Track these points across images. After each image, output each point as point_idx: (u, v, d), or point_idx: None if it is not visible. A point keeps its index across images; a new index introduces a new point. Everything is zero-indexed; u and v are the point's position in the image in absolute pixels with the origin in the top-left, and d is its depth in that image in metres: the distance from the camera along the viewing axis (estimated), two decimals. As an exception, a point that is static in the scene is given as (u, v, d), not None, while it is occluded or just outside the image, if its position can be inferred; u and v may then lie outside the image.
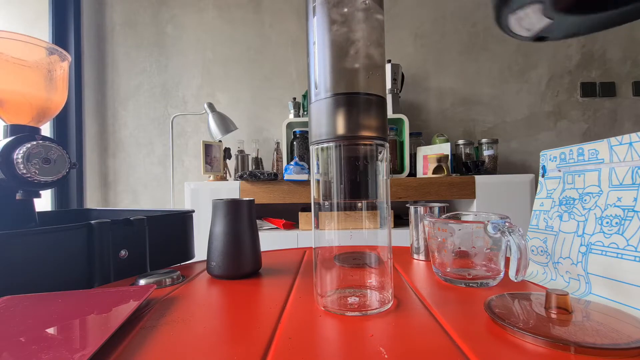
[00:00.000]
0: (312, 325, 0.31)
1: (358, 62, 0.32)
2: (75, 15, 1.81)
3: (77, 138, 1.82)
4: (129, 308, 0.32)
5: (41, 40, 0.53)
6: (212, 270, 0.47)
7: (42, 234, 0.41)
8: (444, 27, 1.88)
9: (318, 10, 0.33)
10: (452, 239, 0.43)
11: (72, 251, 0.43)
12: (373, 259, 0.38)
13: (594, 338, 0.26)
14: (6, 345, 0.25)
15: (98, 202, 1.91)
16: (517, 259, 0.36)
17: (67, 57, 0.57)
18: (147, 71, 1.90)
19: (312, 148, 0.35)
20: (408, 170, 1.58)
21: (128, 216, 0.52)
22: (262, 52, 1.89)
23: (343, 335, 0.29)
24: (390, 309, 0.35)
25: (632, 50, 1.85)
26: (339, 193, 0.34)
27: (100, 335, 0.27)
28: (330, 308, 0.34)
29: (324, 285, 0.37)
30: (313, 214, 0.36)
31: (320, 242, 0.37)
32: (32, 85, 0.53)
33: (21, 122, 0.52)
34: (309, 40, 0.35)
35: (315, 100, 0.34)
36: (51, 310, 0.32)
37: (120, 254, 0.49)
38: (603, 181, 0.39)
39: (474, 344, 0.27)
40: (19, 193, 0.50)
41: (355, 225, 0.34)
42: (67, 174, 0.52)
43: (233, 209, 0.47)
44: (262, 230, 1.46)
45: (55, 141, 0.51)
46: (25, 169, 0.47)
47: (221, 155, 1.61)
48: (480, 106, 1.88)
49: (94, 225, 0.46)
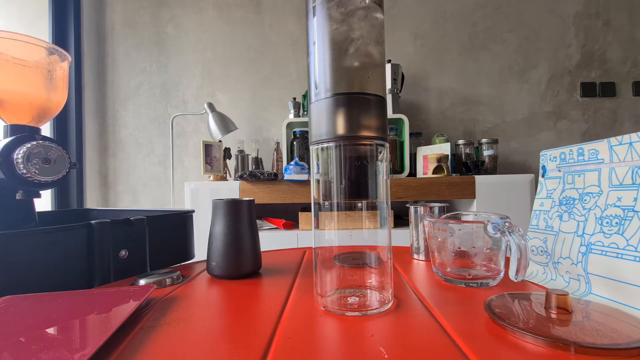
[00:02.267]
0: (312, 325, 0.31)
1: (358, 62, 0.32)
2: (75, 15, 1.81)
3: (77, 138, 1.82)
4: (129, 308, 0.32)
5: (41, 40, 0.53)
6: (212, 270, 0.47)
7: (42, 234, 0.41)
8: (444, 27, 1.88)
9: (318, 10, 0.33)
10: (452, 239, 0.43)
11: (72, 251, 0.43)
12: (373, 259, 0.38)
13: (594, 338, 0.26)
14: (6, 345, 0.25)
15: (98, 202, 1.91)
16: (517, 259, 0.36)
17: (67, 57, 0.57)
18: (147, 71, 1.90)
19: (312, 148, 0.35)
20: (408, 170, 1.58)
21: (128, 216, 0.52)
22: (262, 52, 1.89)
23: (343, 335, 0.29)
24: (390, 309, 0.35)
25: (632, 50, 1.85)
26: (339, 193, 0.34)
27: (100, 335, 0.27)
28: (330, 308, 0.34)
29: (324, 285, 0.37)
30: (313, 214, 0.36)
31: (320, 242, 0.37)
32: (32, 85, 0.53)
33: (21, 122, 0.52)
34: (309, 40, 0.35)
35: (315, 100, 0.34)
36: (51, 310, 0.32)
37: (120, 254, 0.49)
38: (603, 181, 0.39)
39: (474, 344, 0.27)
40: (19, 193, 0.50)
41: (355, 225, 0.34)
42: (67, 174, 0.52)
43: (233, 209, 0.47)
44: (262, 230, 1.46)
45: (55, 141, 0.51)
46: (25, 169, 0.47)
47: (221, 155, 1.61)
48: (480, 106, 1.88)
49: (94, 225, 0.46)
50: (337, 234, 0.36)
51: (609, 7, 1.85)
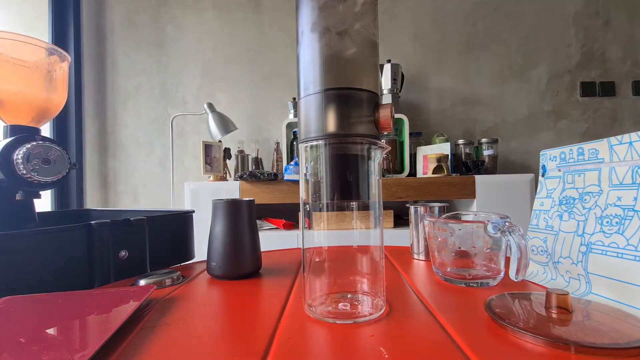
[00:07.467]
0: (312, 325, 0.31)
1: (350, 54, 0.31)
2: (74, 16, 1.81)
3: (77, 138, 1.82)
4: (129, 308, 0.32)
5: (41, 41, 0.53)
6: (212, 271, 0.47)
7: (42, 234, 0.41)
8: (444, 27, 1.88)
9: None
10: (452, 238, 0.43)
11: (72, 251, 0.43)
12: (365, 261, 0.38)
13: (594, 338, 0.26)
14: (6, 345, 0.25)
15: (98, 202, 1.91)
16: (517, 259, 0.36)
17: (67, 57, 0.57)
18: (147, 71, 1.90)
19: (301, 147, 0.34)
20: (408, 170, 1.58)
21: (128, 216, 0.52)
22: (262, 52, 1.89)
23: (343, 335, 0.29)
24: (390, 310, 0.35)
25: (632, 50, 1.85)
26: (329, 193, 0.32)
27: (100, 336, 0.27)
28: (320, 315, 0.34)
29: (313, 292, 0.36)
30: (302, 214, 0.34)
31: (311, 243, 0.36)
32: (32, 86, 0.53)
33: (21, 123, 0.52)
34: (297, 30, 0.33)
35: (305, 96, 0.32)
36: (51, 311, 0.32)
37: (120, 255, 0.49)
38: (603, 181, 0.39)
39: (474, 343, 0.27)
40: (19, 193, 0.50)
41: (346, 226, 0.33)
42: (67, 174, 0.52)
43: (233, 209, 0.47)
44: (262, 230, 1.46)
45: (55, 141, 0.51)
46: (25, 170, 0.47)
47: (221, 156, 1.61)
48: (480, 106, 1.88)
49: (94, 225, 0.46)
50: (327, 234, 0.35)
51: (609, 6, 1.85)
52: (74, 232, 0.44)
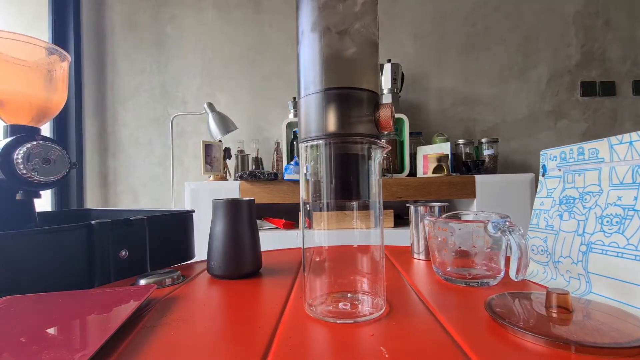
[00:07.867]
0: (312, 325, 0.31)
1: (350, 53, 0.31)
2: (74, 16, 1.81)
3: (77, 138, 1.82)
4: (129, 308, 0.32)
5: (41, 41, 0.53)
6: (213, 270, 0.47)
7: (43, 234, 0.41)
8: (444, 27, 1.88)
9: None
10: (453, 238, 0.43)
11: (72, 251, 0.43)
12: (365, 260, 0.38)
13: (595, 337, 0.26)
14: (7, 345, 0.25)
15: (98, 202, 1.91)
16: (517, 258, 0.36)
17: (67, 57, 0.57)
18: (147, 71, 1.90)
19: (301, 146, 0.34)
20: (408, 170, 1.58)
21: (128, 216, 0.52)
22: (262, 52, 1.89)
23: (344, 335, 0.29)
24: (391, 309, 0.35)
25: (632, 50, 1.85)
26: (329, 193, 0.32)
27: (100, 335, 0.27)
28: (320, 315, 0.34)
29: (313, 291, 0.36)
30: (302, 214, 0.34)
31: (311, 243, 0.36)
32: (32, 85, 0.53)
33: (21, 122, 0.52)
34: (298, 30, 0.33)
35: (305, 95, 0.32)
36: (51, 310, 0.32)
37: (121, 254, 0.49)
38: (603, 180, 0.39)
39: (475, 343, 0.27)
40: (19, 193, 0.50)
41: (347, 225, 0.33)
42: (67, 174, 0.52)
43: (233, 209, 0.47)
44: (262, 230, 1.46)
45: (55, 141, 0.51)
46: (25, 169, 0.47)
47: (221, 155, 1.61)
48: (480, 106, 1.88)
49: (94, 225, 0.46)
50: (327, 234, 0.35)
51: (609, 6, 1.85)
52: (74, 231, 0.44)
